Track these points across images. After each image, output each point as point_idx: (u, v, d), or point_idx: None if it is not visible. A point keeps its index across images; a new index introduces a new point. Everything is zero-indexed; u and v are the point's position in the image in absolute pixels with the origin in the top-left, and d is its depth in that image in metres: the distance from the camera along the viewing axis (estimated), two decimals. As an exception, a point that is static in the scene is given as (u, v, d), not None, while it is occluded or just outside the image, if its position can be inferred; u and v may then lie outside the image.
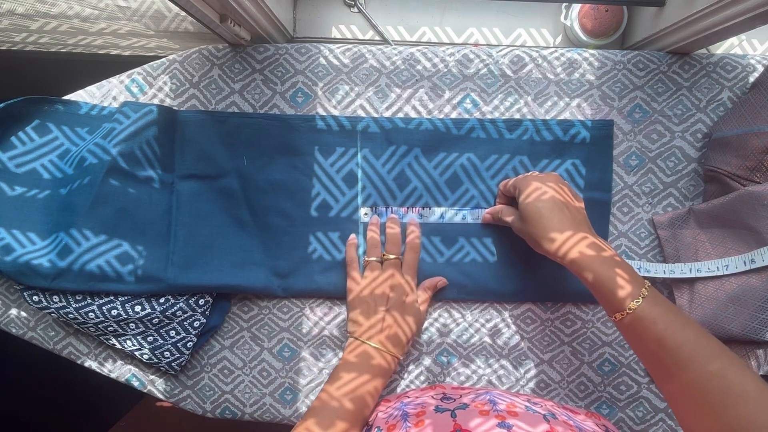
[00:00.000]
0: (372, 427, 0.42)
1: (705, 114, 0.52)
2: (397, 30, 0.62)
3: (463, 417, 0.36)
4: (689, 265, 0.49)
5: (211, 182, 0.52)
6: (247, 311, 0.54)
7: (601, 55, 0.52)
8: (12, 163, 0.50)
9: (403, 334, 0.48)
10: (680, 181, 0.53)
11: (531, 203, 0.44)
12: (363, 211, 0.52)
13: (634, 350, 0.42)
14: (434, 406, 0.40)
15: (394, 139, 0.52)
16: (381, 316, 0.47)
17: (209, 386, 0.54)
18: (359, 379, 0.44)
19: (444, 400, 0.41)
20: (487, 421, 0.34)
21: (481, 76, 0.53)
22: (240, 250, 0.52)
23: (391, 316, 0.48)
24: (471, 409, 0.37)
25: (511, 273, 0.52)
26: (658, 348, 0.36)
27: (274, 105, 0.53)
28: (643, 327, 0.37)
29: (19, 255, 0.48)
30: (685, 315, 0.37)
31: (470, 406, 0.38)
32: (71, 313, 0.49)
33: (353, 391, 0.43)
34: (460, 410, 0.37)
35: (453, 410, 0.37)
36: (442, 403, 0.41)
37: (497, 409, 0.36)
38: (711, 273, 0.48)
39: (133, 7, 0.55)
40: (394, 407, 0.43)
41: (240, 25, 0.49)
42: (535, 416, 0.35)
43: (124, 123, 0.49)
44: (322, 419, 0.41)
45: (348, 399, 0.42)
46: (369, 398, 0.44)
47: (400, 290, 0.49)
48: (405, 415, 0.40)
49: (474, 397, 0.41)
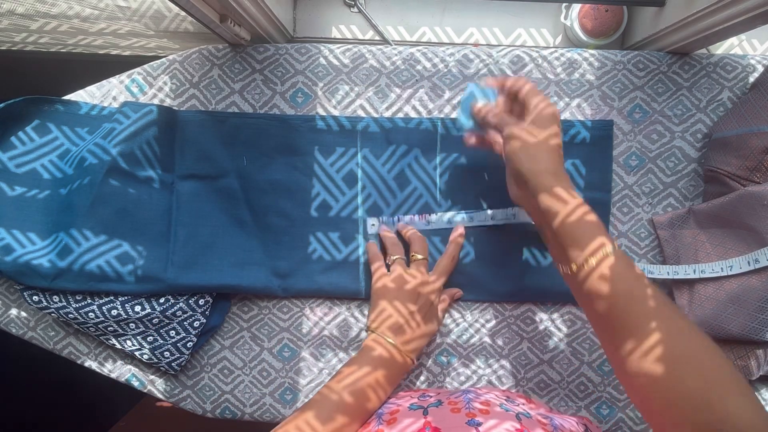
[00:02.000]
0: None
1: (705, 114, 0.52)
2: (397, 30, 0.62)
3: (434, 414, 0.36)
4: (693, 267, 0.49)
5: (211, 182, 0.52)
6: (247, 311, 0.54)
7: (601, 55, 0.52)
8: (12, 163, 0.50)
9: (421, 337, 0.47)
10: (680, 181, 0.53)
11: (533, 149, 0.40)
12: (371, 222, 0.52)
13: (582, 307, 0.39)
14: (409, 404, 0.40)
15: (394, 139, 0.52)
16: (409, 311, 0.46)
17: (209, 386, 0.54)
18: (359, 371, 0.43)
19: (420, 398, 0.42)
20: (456, 419, 0.35)
21: (481, 76, 0.53)
22: (240, 250, 0.52)
23: (418, 316, 0.47)
24: (443, 407, 0.37)
25: (511, 273, 0.52)
26: (608, 309, 0.34)
27: (274, 105, 0.53)
28: (597, 284, 0.35)
29: (19, 255, 0.48)
30: (648, 283, 0.35)
31: (444, 403, 0.38)
32: (71, 313, 0.49)
33: (353, 384, 0.42)
34: (433, 407, 0.37)
35: (426, 407, 0.38)
36: (417, 401, 0.41)
37: (469, 407, 0.37)
38: (715, 274, 0.47)
39: (133, 7, 0.55)
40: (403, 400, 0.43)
41: (240, 25, 0.49)
42: (508, 414, 0.35)
43: (124, 123, 0.49)
44: (321, 412, 0.40)
45: (348, 392, 0.41)
46: (370, 391, 0.42)
47: (429, 290, 0.48)
48: (379, 414, 0.41)
49: (451, 396, 0.41)
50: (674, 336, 0.32)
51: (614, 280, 0.34)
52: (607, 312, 0.35)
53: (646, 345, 0.32)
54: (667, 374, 0.31)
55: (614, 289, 0.34)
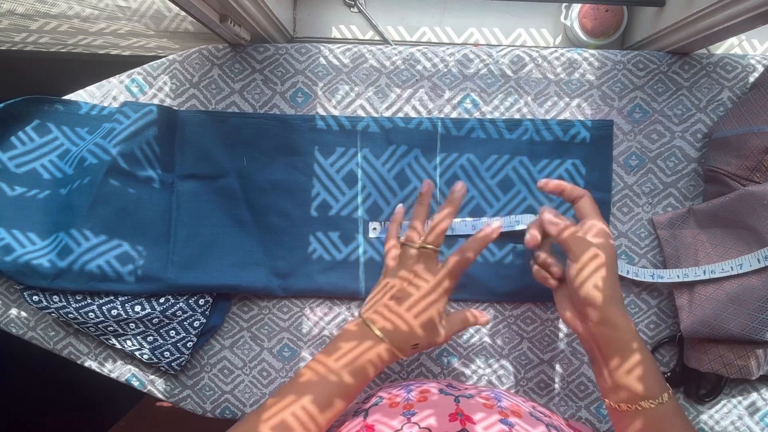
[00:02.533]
0: (372, 396, 0.41)
1: (705, 114, 0.52)
2: (397, 30, 0.62)
3: (466, 404, 0.35)
4: (702, 268, 0.48)
5: (211, 182, 0.52)
6: (247, 311, 0.54)
7: (601, 55, 0.52)
8: (12, 163, 0.50)
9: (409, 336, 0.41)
10: (680, 181, 0.53)
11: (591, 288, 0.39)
12: (372, 225, 0.52)
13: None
14: (438, 389, 0.39)
15: (394, 139, 0.52)
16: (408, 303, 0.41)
17: (209, 386, 0.54)
18: (361, 346, 0.39)
19: (449, 387, 0.41)
20: (490, 415, 0.34)
21: (481, 76, 0.53)
22: (240, 250, 0.52)
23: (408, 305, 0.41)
24: (475, 400, 0.36)
25: (511, 273, 0.52)
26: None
27: (274, 105, 0.53)
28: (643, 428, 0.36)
29: (19, 255, 0.48)
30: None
31: (475, 397, 0.37)
32: (71, 313, 0.49)
33: (353, 362, 0.38)
34: (464, 398, 0.37)
35: (456, 396, 0.37)
36: (446, 388, 0.40)
37: (500, 406, 0.36)
38: (725, 273, 0.47)
39: (133, 7, 0.55)
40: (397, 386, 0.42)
41: (240, 25, 0.49)
42: (538, 422, 0.35)
43: (124, 123, 0.49)
44: (320, 396, 0.36)
45: (348, 372, 0.38)
46: (371, 368, 0.39)
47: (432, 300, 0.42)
48: (409, 390, 0.39)
49: (478, 391, 0.40)
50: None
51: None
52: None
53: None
54: None
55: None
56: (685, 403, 0.53)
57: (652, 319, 0.53)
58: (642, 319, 0.53)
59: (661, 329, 0.53)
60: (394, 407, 0.36)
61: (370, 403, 0.39)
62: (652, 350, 0.53)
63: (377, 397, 0.40)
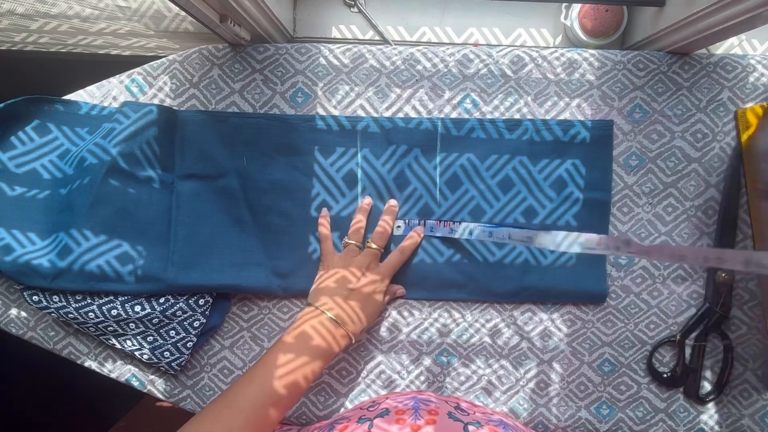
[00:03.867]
0: (378, 403, 0.41)
1: (705, 114, 0.52)
2: (397, 30, 0.62)
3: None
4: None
5: (211, 182, 0.52)
6: (247, 311, 0.54)
7: (601, 55, 0.52)
8: (12, 163, 0.50)
9: (357, 321, 0.47)
10: (680, 181, 0.53)
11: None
12: (397, 223, 0.52)
13: None
14: (447, 411, 0.39)
15: (394, 139, 0.52)
16: (344, 295, 0.46)
17: (209, 386, 0.54)
18: (296, 361, 0.42)
19: (458, 410, 0.41)
20: None
21: (481, 76, 0.53)
22: (240, 250, 0.52)
23: (352, 301, 0.46)
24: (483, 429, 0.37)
25: (511, 273, 0.52)
26: None
27: (274, 105, 0.53)
28: None
29: (19, 255, 0.48)
30: None
31: (483, 426, 0.38)
32: (71, 313, 0.49)
33: (289, 374, 0.41)
34: (472, 426, 0.37)
35: (466, 423, 0.37)
36: (455, 411, 0.40)
37: None
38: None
39: (133, 7, 0.55)
40: (406, 397, 0.42)
41: (240, 25, 0.49)
42: None
43: (124, 123, 0.49)
44: (246, 410, 0.39)
45: (283, 385, 0.40)
46: (304, 382, 0.42)
47: (372, 291, 0.48)
48: (417, 407, 0.40)
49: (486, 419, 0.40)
50: None
51: None
52: None
53: None
54: None
55: None
56: (685, 403, 0.53)
57: (652, 319, 0.53)
58: (642, 319, 0.53)
59: (661, 329, 0.53)
60: (400, 424, 0.36)
61: (376, 413, 0.39)
62: (652, 350, 0.53)
63: (383, 408, 0.40)
